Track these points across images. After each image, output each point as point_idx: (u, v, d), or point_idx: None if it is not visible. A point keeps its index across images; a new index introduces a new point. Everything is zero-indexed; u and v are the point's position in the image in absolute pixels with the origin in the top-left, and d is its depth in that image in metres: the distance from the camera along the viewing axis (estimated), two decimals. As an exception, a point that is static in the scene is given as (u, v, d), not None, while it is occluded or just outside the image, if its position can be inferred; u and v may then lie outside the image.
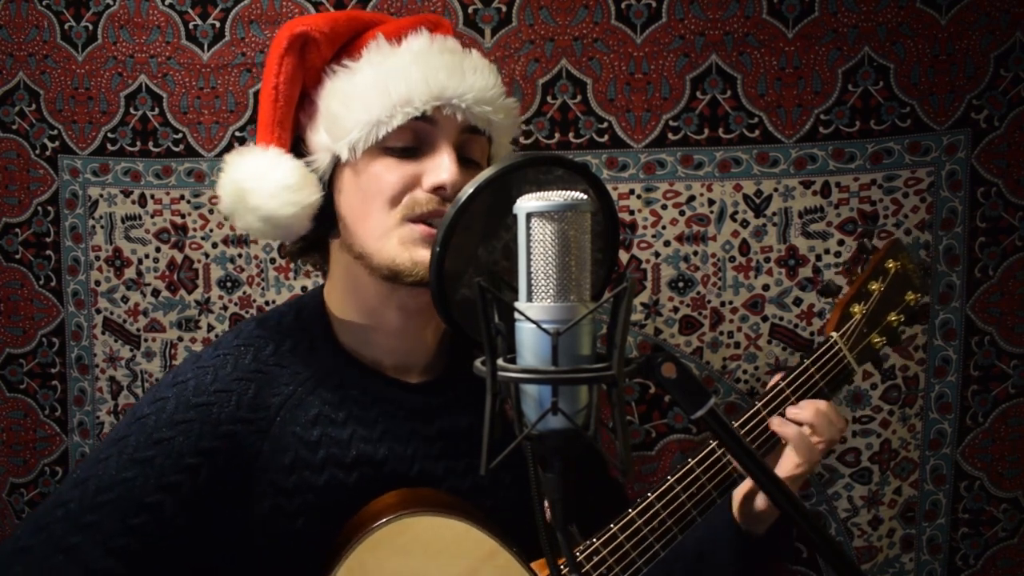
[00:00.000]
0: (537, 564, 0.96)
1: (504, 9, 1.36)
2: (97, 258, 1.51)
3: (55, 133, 1.50)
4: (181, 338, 1.49)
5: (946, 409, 1.39)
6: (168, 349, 1.50)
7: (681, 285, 1.39)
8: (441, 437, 1.02)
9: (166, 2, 1.42)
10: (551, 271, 0.56)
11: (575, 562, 0.60)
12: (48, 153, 1.51)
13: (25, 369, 1.56)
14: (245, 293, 1.47)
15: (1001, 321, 1.37)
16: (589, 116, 1.37)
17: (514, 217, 0.58)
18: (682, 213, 1.38)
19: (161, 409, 0.92)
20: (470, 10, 1.36)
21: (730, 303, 1.39)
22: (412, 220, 0.93)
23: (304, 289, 1.45)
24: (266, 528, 0.92)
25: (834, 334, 1.06)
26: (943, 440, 1.39)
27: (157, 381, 1.49)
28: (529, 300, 0.57)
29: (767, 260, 1.37)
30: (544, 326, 0.55)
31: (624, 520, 0.95)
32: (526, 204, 0.57)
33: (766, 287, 1.38)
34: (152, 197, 1.47)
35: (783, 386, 1.02)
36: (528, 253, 0.57)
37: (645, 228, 1.38)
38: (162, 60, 1.44)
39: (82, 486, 0.88)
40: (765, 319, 1.38)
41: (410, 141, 0.93)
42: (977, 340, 1.37)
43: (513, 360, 0.58)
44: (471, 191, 0.63)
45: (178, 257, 1.48)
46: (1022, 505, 1.41)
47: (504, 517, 0.99)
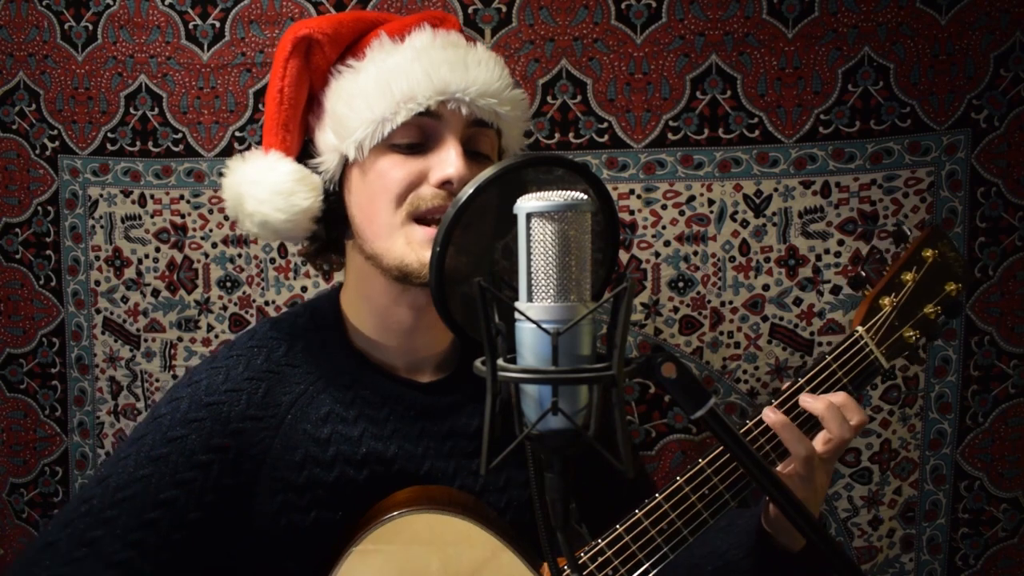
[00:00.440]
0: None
1: (504, 9, 1.36)
2: (97, 258, 1.51)
3: (55, 133, 1.50)
4: (181, 338, 1.49)
5: (946, 409, 1.39)
6: (168, 349, 1.50)
7: (681, 285, 1.39)
8: (452, 436, 1.02)
9: (166, 2, 1.42)
10: (551, 271, 0.56)
11: (575, 562, 0.60)
12: (48, 153, 1.51)
13: (25, 369, 1.56)
14: (245, 293, 1.47)
15: (1001, 321, 1.37)
16: (589, 116, 1.37)
17: (514, 217, 0.58)
18: (682, 213, 1.38)
19: (176, 409, 0.94)
20: (470, 10, 1.36)
21: (730, 303, 1.39)
22: (418, 217, 0.93)
23: (304, 289, 1.45)
24: (277, 523, 0.93)
25: (860, 328, 1.01)
26: (943, 440, 1.39)
27: (159, 380, 1.50)
28: (529, 300, 0.57)
29: (767, 260, 1.37)
30: (544, 326, 0.55)
31: (630, 521, 0.93)
32: (526, 204, 0.57)
33: (766, 287, 1.38)
34: (152, 197, 1.47)
35: (802, 383, 0.97)
36: (528, 253, 0.57)
37: (645, 228, 1.38)
38: (162, 60, 1.44)
39: (104, 483, 0.91)
40: (765, 319, 1.38)
41: (416, 137, 0.94)
42: (977, 340, 1.37)
43: (513, 360, 0.59)
44: (471, 191, 0.63)
45: (178, 257, 1.48)
46: (1022, 505, 1.41)
47: (515, 514, 1.00)
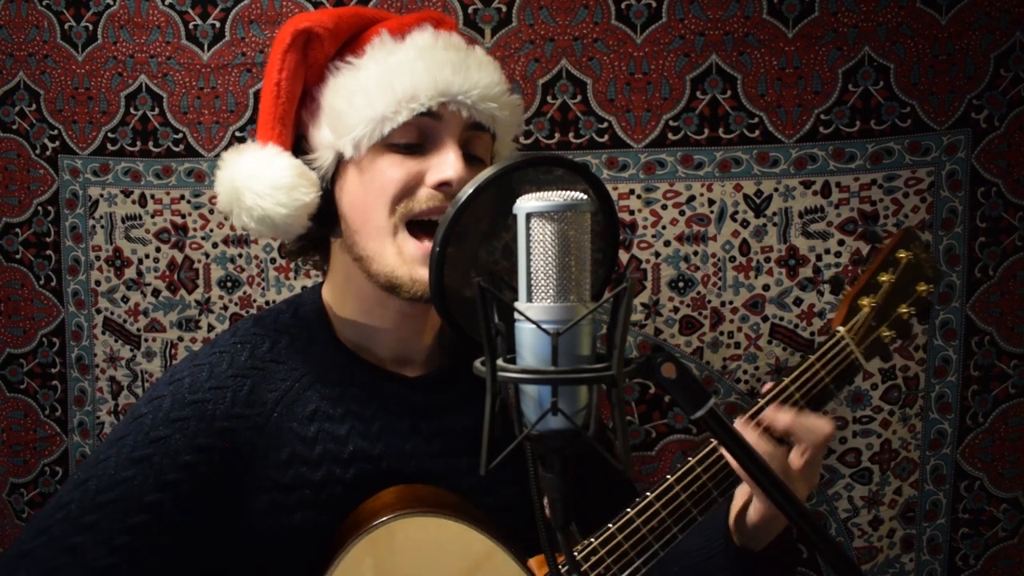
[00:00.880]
0: (535, 561, 0.96)
1: (504, 9, 1.36)
2: (97, 258, 1.51)
3: (55, 133, 1.50)
4: (181, 338, 1.49)
5: (946, 409, 1.39)
6: (168, 349, 1.50)
7: (681, 285, 1.39)
8: (441, 435, 1.01)
9: (166, 2, 1.42)
10: (551, 271, 0.56)
11: (575, 561, 0.60)
12: (48, 153, 1.51)
13: (25, 369, 1.56)
14: (245, 293, 1.47)
15: (1001, 321, 1.37)
16: (589, 116, 1.37)
17: (514, 217, 0.58)
18: (682, 213, 1.38)
19: (158, 408, 0.92)
20: (470, 10, 1.36)
21: (730, 303, 1.39)
22: (412, 220, 0.92)
23: (304, 289, 1.45)
24: (263, 523, 0.92)
25: (841, 328, 1.03)
26: (943, 440, 1.39)
27: (156, 381, 1.50)
28: (529, 300, 0.57)
29: (767, 260, 1.37)
30: (544, 326, 0.55)
31: (623, 520, 0.94)
32: (526, 204, 0.56)
33: (766, 287, 1.38)
34: (152, 197, 1.47)
35: (787, 383, 0.99)
36: (528, 253, 0.57)
37: (645, 228, 1.38)
38: (162, 60, 1.44)
39: (82, 487, 0.88)
40: (765, 319, 1.38)
41: (415, 138, 0.93)
42: (977, 340, 1.37)
43: (513, 360, 0.58)
44: (471, 191, 0.63)
45: (178, 257, 1.48)
46: (1022, 505, 1.41)
47: (504, 516, 0.99)
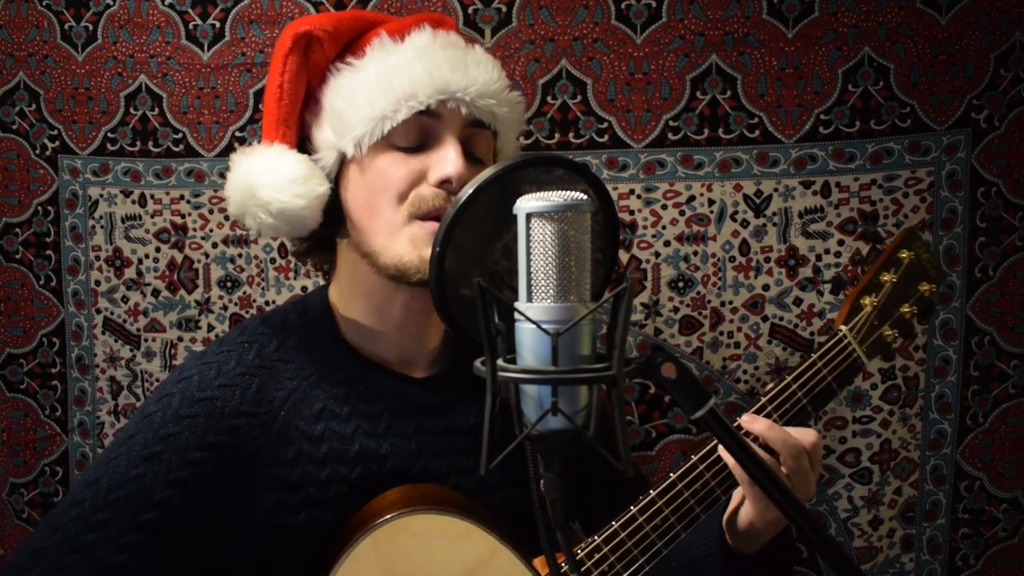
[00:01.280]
0: (540, 561, 0.96)
1: (504, 9, 1.36)
2: (97, 258, 1.51)
3: (55, 133, 1.50)
4: (181, 338, 1.49)
5: (946, 409, 1.39)
6: (168, 349, 1.50)
7: (681, 285, 1.39)
8: (446, 434, 1.02)
9: (166, 2, 1.42)
10: (551, 271, 0.56)
11: (575, 561, 0.60)
12: (48, 153, 1.51)
13: (25, 369, 1.56)
14: (245, 293, 1.47)
15: (1001, 321, 1.37)
16: (589, 116, 1.37)
17: (514, 217, 0.58)
18: (682, 213, 1.38)
19: (167, 406, 0.93)
20: (470, 10, 1.36)
21: (730, 303, 1.39)
22: (420, 218, 0.93)
23: (304, 289, 1.45)
24: (270, 521, 0.92)
25: (843, 327, 1.04)
26: (943, 440, 1.39)
27: (159, 380, 1.50)
28: (529, 300, 0.57)
29: (767, 260, 1.37)
30: (544, 326, 0.55)
31: (626, 517, 0.94)
32: (526, 204, 0.57)
33: (766, 287, 1.38)
34: (152, 197, 1.47)
35: (789, 381, 1.00)
36: (528, 253, 0.57)
37: (645, 228, 1.38)
38: (162, 60, 1.44)
39: (94, 486, 0.89)
40: (765, 319, 1.38)
41: (415, 136, 0.94)
42: (977, 340, 1.37)
43: (513, 360, 0.58)
44: (471, 191, 0.63)
45: (178, 257, 1.48)
46: (1022, 505, 1.41)
47: (510, 515, 0.99)
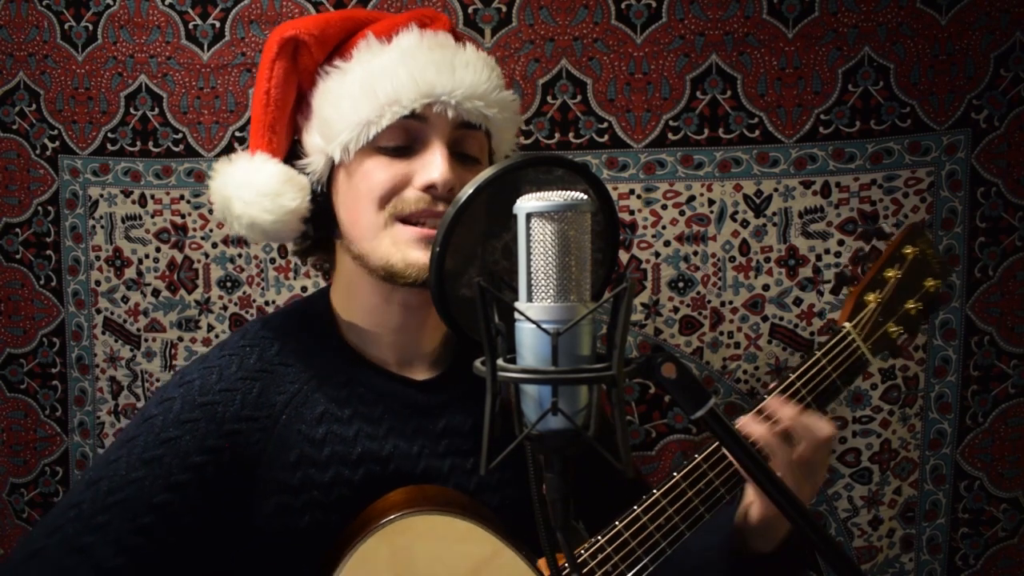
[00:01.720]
0: (544, 562, 0.96)
1: (504, 9, 1.36)
2: (97, 258, 1.51)
3: (55, 133, 1.50)
4: (181, 338, 1.49)
5: (946, 409, 1.39)
6: (168, 349, 1.50)
7: (681, 285, 1.39)
8: (447, 434, 1.02)
9: (166, 2, 1.42)
10: (551, 271, 0.56)
11: (575, 561, 0.60)
12: (48, 153, 1.51)
13: (25, 369, 1.56)
14: (245, 293, 1.47)
15: (1001, 321, 1.37)
16: (589, 116, 1.37)
17: (514, 217, 0.58)
18: (682, 213, 1.38)
19: (168, 409, 0.92)
20: (470, 10, 1.36)
21: (730, 303, 1.39)
22: (401, 220, 0.93)
23: (304, 289, 1.45)
24: (272, 525, 0.92)
25: (847, 324, 1.03)
26: (943, 440, 1.39)
27: (159, 381, 1.50)
28: (529, 300, 0.57)
29: (767, 260, 1.37)
30: (544, 326, 0.55)
31: (629, 517, 0.94)
32: (526, 204, 0.56)
33: (766, 287, 1.38)
34: (152, 197, 1.47)
35: (793, 378, 1.00)
36: (528, 253, 0.57)
37: (645, 228, 1.38)
38: (162, 60, 1.44)
39: (94, 487, 0.89)
40: (765, 319, 1.38)
41: (402, 140, 0.93)
42: (977, 340, 1.37)
43: (513, 360, 0.58)
44: (471, 191, 0.63)
45: (178, 257, 1.48)
46: (1022, 505, 1.41)
47: (511, 515, 0.99)
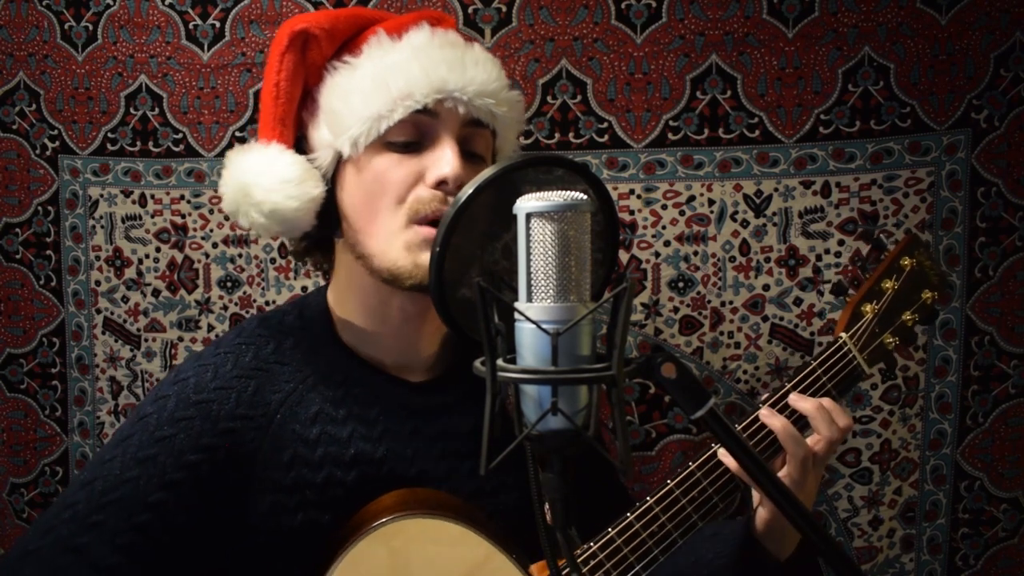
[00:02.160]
0: (537, 567, 0.96)
1: (504, 9, 1.36)
2: (97, 258, 1.51)
3: (55, 133, 1.50)
4: (181, 338, 1.49)
5: (946, 409, 1.39)
6: (168, 349, 1.50)
7: (681, 285, 1.39)
8: (443, 437, 1.01)
9: (166, 2, 1.42)
10: (551, 271, 0.56)
11: (575, 562, 0.60)
12: (48, 153, 1.51)
13: (25, 369, 1.56)
14: (245, 293, 1.47)
15: (1001, 321, 1.37)
16: (589, 116, 1.37)
17: (514, 217, 0.58)
18: (682, 213, 1.38)
19: (162, 408, 0.92)
20: (470, 10, 1.36)
21: (730, 303, 1.39)
22: (418, 222, 0.92)
23: (304, 289, 1.45)
24: (265, 524, 0.92)
25: (843, 334, 1.04)
26: (943, 440, 1.39)
27: (159, 381, 1.50)
28: (529, 300, 0.57)
29: (767, 260, 1.37)
30: (544, 326, 0.55)
31: (622, 524, 0.94)
32: (526, 204, 0.56)
33: (766, 287, 1.38)
34: (152, 197, 1.47)
35: (788, 388, 1.00)
36: (528, 253, 0.57)
37: (645, 228, 1.38)
38: (162, 60, 1.44)
39: (88, 487, 0.89)
40: (765, 319, 1.38)
41: (412, 135, 0.93)
42: (977, 340, 1.37)
43: (513, 360, 0.58)
44: (471, 191, 0.63)
45: (178, 257, 1.48)
46: (1022, 505, 1.41)
47: (506, 519, 0.99)
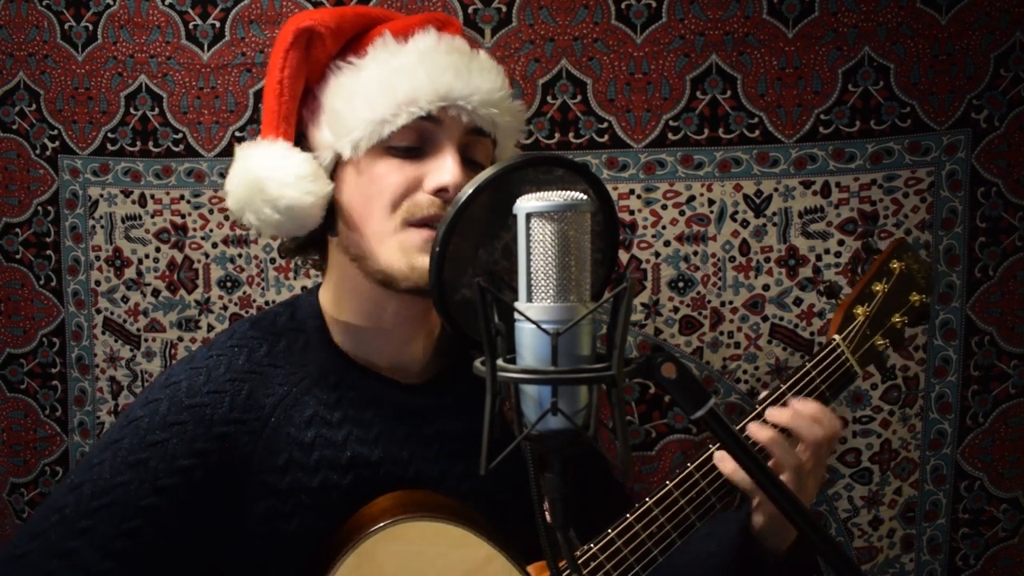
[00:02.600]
0: (535, 567, 0.95)
1: (504, 9, 1.36)
2: (97, 258, 1.51)
3: (55, 133, 1.50)
4: (181, 338, 1.49)
5: (946, 409, 1.39)
6: (168, 349, 1.50)
7: (681, 285, 1.39)
8: (438, 439, 1.01)
9: (166, 2, 1.42)
10: (551, 271, 0.56)
11: (575, 562, 0.60)
12: (48, 153, 1.51)
13: (25, 369, 1.56)
14: (245, 293, 1.47)
15: (1001, 321, 1.37)
16: (589, 116, 1.37)
17: (514, 217, 0.58)
18: (682, 213, 1.38)
19: (154, 411, 0.91)
20: (470, 10, 1.36)
21: (730, 303, 1.39)
22: (413, 224, 0.91)
23: (304, 289, 1.45)
24: (261, 529, 0.91)
25: (836, 337, 1.05)
26: (943, 440, 1.39)
27: (152, 383, 1.50)
28: (529, 300, 0.57)
29: (767, 260, 1.37)
30: (544, 326, 0.55)
31: (622, 525, 0.94)
32: (526, 204, 0.56)
33: (766, 287, 1.38)
34: (152, 197, 1.47)
35: (784, 389, 1.01)
36: (528, 253, 0.57)
37: (645, 228, 1.38)
38: (162, 60, 1.44)
39: (77, 491, 0.87)
40: (765, 319, 1.38)
41: (414, 141, 0.92)
42: (977, 340, 1.37)
43: (513, 360, 0.58)
44: (471, 191, 0.63)
45: (178, 257, 1.48)
46: (1022, 505, 1.41)
47: (503, 519, 0.98)
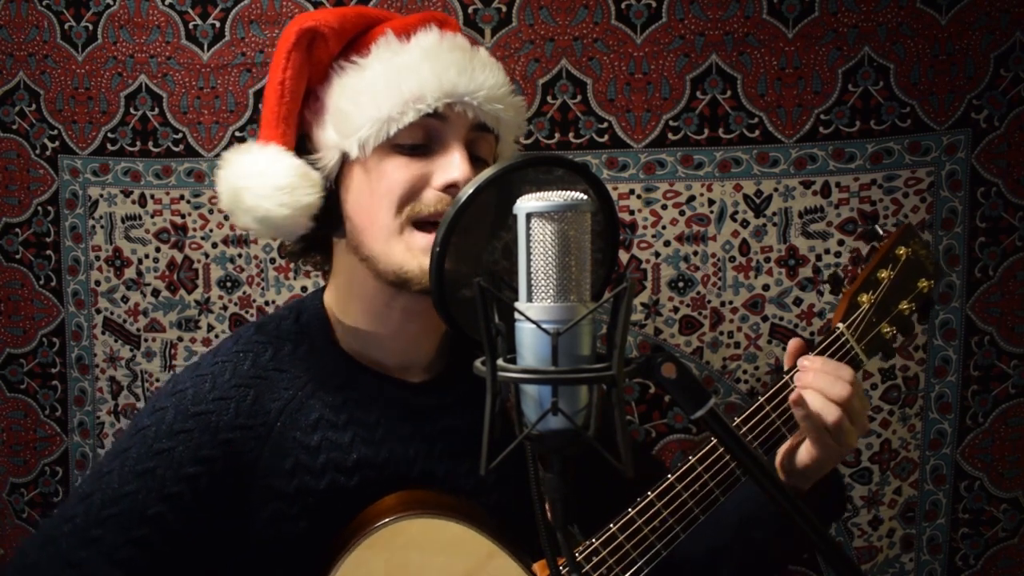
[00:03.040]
0: (540, 565, 0.96)
1: (504, 9, 1.36)
2: (97, 258, 1.51)
3: (55, 133, 1.50)
4: (181, 338, 1.49)
5: (946, 409, 1.39)
6: (168, 349, 1.50)
7: (681, 285, 1.39)
8: (443, 437, 1.01)
9: (166, 2, 1.42)
10: (551, 271, 0.56)
11: (575, 562, 0.60)
12: (48, 153, 1.51)
13: (25, 369, 1.56)
14: (245, 293, 1.47)
15: (1001, 321, 1.37)
16: (589, 116, 1.37)
17: (514, 217, 0.58)
18: (682, 213, 1.38)
19: (161, 420, 0.92)
20: (470, 10, 1.36)
21: (730, 303, 1.39)
22: (419, 222, 0.92)
23: (304, 289, 1.45)
24: (267, 533, 0.92)
25: (840, 325, 1.03)
26: (943, 440, 1.39)
27: (159, 380, 1.50)
28: (529, 300, 0.57)
29: (767, 260, 1.37)
30: (544, 326, 0.55)
31: (624, 520, 0.94)
32: (526, 204, 0.57)
33: (766, 287, 1.38)
34: (152, 197, 1.47)
35: (788, 380, 1.00)
36: (528, 253, 0.57)
37: (645, 228, 1.38)
38: (162, 60, 1.44)
39: (87, 500, 0.89)
40: (765, 319, 1.38)
41: (420, 138, 0.93)
42: (977, 340, 1.37)
43: (513, 360, 0.58)
44: (471, 191, 0.63)
45: (178, 257, 1.48)
46: (1022, 505, 1.41)
47: (507, 517, 0.99)
